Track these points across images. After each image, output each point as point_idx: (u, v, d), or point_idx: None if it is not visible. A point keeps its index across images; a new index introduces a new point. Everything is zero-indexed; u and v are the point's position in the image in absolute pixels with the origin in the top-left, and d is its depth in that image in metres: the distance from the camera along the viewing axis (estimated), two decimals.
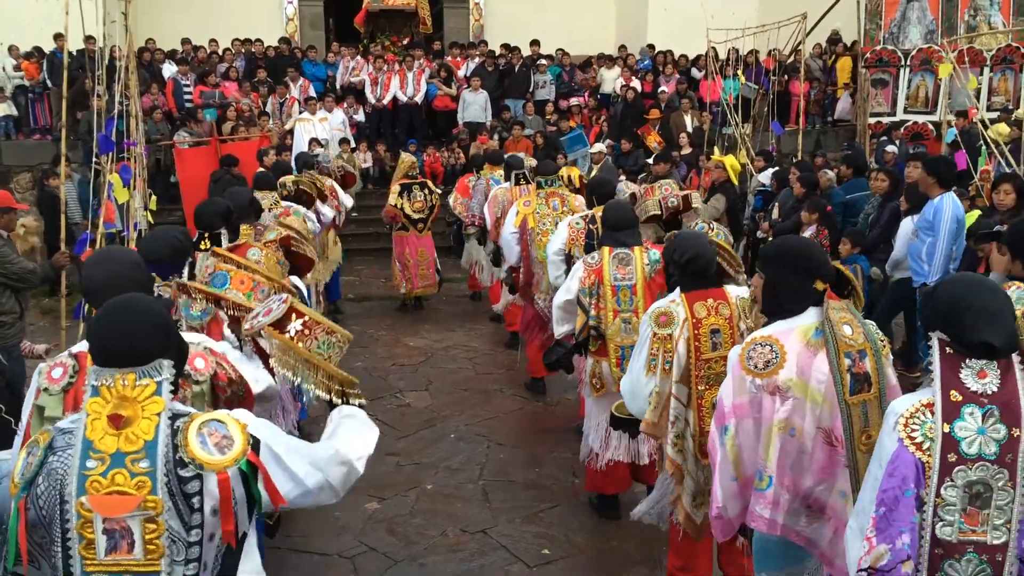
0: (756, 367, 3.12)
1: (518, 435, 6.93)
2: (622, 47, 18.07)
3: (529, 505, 5.69)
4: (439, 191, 10.60)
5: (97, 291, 3.01)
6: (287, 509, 2.58)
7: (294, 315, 3.13)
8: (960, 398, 2.43)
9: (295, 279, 5.27)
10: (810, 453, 3.11)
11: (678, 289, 4.02)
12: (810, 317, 3.16)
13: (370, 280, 12.04)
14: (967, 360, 2.46)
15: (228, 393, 3.15)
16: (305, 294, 5.19)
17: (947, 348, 2.49)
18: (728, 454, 3.19)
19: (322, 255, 8.74)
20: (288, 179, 8.65)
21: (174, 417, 2.29)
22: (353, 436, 2.86)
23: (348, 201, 10.17)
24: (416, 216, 10.24)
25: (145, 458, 2.22)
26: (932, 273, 6.89)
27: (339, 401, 3.06)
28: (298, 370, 3.04)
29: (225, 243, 4.91)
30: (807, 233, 8.05)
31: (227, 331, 3.73)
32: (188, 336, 3.16)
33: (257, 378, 3.39)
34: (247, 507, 2.33)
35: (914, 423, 2.46)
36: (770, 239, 9.54)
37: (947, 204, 6.92)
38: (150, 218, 10.59)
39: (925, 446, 2.43)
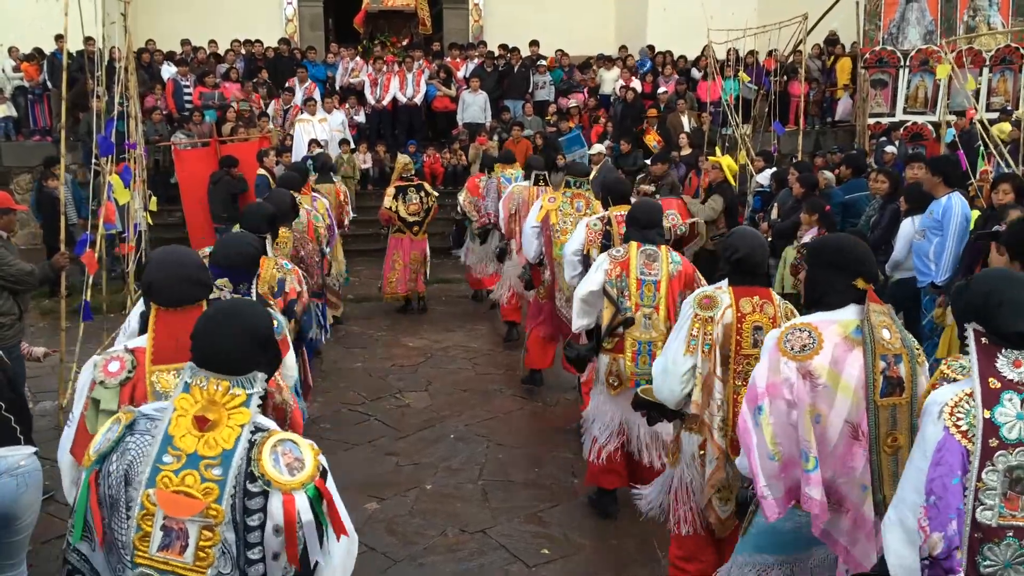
0: (792, 349, 3.16)
1: (517, 435, 6.94)
2: (623, 47, 18.07)
3: (528, 505, 5.69)
4: (436, 193, 10.56)
5: (157, 290, 3.01)
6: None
7: None
8: (998, 385, 2.49)
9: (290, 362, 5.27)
10: (833, 444, 3.14)
11: (726, 280, 4.02)
12: (851, 313, 3.20)
13: (370, 281, 12.03)
14: (1002, 350, 2.52)
15: (276, 400, 3.22)
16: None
17: (982, 339, 2.55)
18: (765, 434, 3.21)
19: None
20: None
21: (255, 430, 2.30)
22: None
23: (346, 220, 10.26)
24: (411, 219, 10.21)
25: (219, 466, 2.22)
26: (940, 272, 6.89)
27: None
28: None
29: (269, 246, 4.95)
30: (808, 235, 8.04)
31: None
32: None
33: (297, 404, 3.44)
34: (316, 534, 2.30)
35: (959, 411, 2.51)
36: (769, 239, 9.56)
37: (956, 203, 6.91)
38: (149, 219, 10.60)
39: (970, 434, 2.48)
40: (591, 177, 10.84)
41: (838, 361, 3.12)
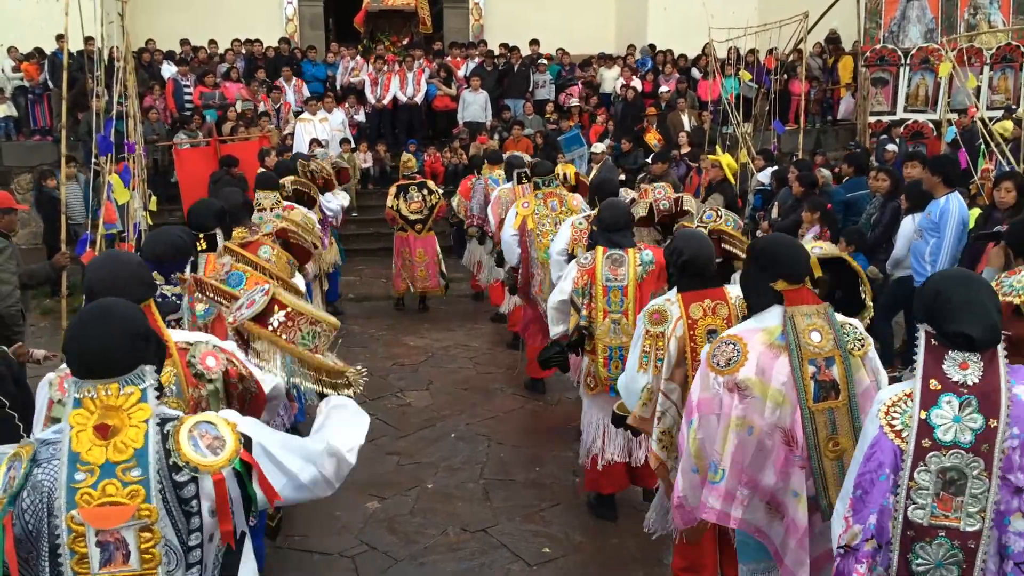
0: (719, 364, 3.17)
1: (518, 434, 6.93)
2: (631, 47, 18.03)
3: (529, 504, 5.69)
4: (439, 191, 10.54)
5: (100, 293, 2.95)
6: (283, 505, 2.57)
7: (276, 307, 3.08)
8: (939, 387, 2.50)
9: (297, 277, 5.25)
10: (770, 451, 3.15)
11: (675, 289, 4.01)
12: (774, 318, 3.20)
13: (371, 280, 12.04)
14: (950, 352, 2.52)
15: (240, 388, 3.14)
16: (305, 290, 5.18)
17: (932, 340, 2.56)
18: (690, 447, 3.26)
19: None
20: (287, 180, 8.67)
21: (163, 422, 2.26)
22: (343, 427, 2.79)
23: (345, 200, 10.16)
24: (413, 217, 10.20)
25: (137, 466, 2.18)
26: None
27: (329, 392, 3.03)
28: (283, 363, 3.00)
29: (220, 243, 4.91)
30: (810, 234, 8.03)
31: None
32: (196, 335, 3.17)
33: (263, 377, 3.35)
34: (243, 506, 2.31)
35: (895, 411, 2.55)
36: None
37: (954, 205, 6.90)
38: (149, 219, 10.59)
39: (904, 433, 2.51)
40: (592, 176, 10.87)
41: (765, 370, 3.11)
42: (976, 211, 7.37)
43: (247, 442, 2.33)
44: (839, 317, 3.22)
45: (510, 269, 7.50)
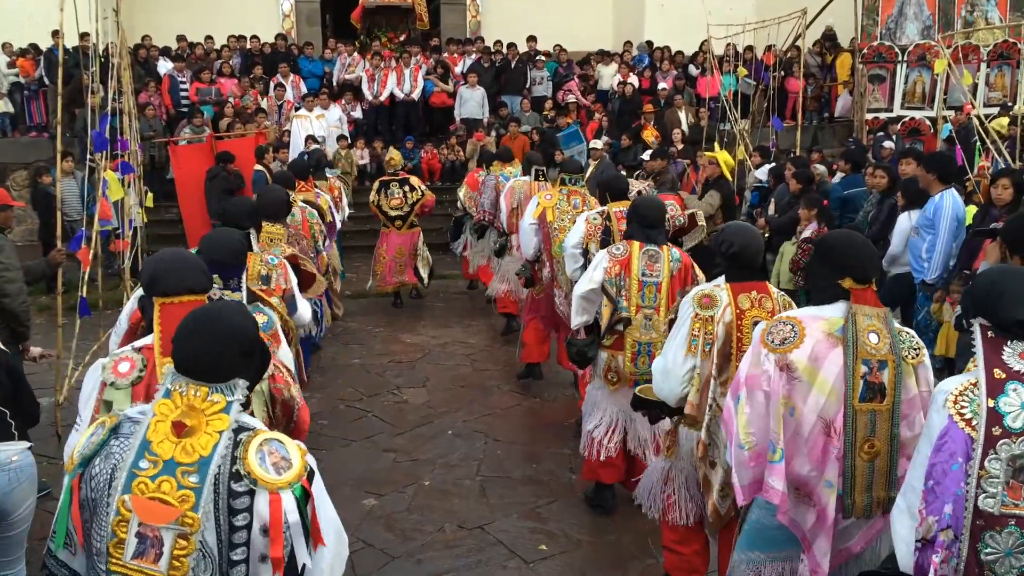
0: (773, 342, 3.17)
1: (515, 431, 6.93)
2: (627, 43, 18.01)
3: (526, 501, 5.69)
4: (423, 188, 10.54)
5: (166, 275, 2.98)
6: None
7: None
8: (1003, 375, 2.52)
9: (301, 302, 5.21)
10: (805, 438, 3.15)
11: (722, 277, 4.00)
12: (838, 311, 3.19)
13: (367, 277, 12.00)
14: (1008, 342, 2.56)
15: (284, 396, 3.21)
16: (306, 311, 5.18)
17: (988, 332, 2.60)
18: (739, 422, 3.24)
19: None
20: (297, 197, 8.58)
21: (239, 430, 2.26)
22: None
23: (345, 212, 10.24)
24: (393, 213, 10.24)
25: (196, 473, 2.17)
26: (931, 270, 6.90)
27: None
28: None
29: (254, 242, 4.93)
30: (807, 231, 8.04)
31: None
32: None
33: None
34: (304, 535, 2.25)
35: (963, 400, 2.55)
36: (766, 235, 9.55)
37: (947, 202, 6.91)
38: (144, 216, 10.57)
39: (974, 422, 2.52)
40: (589, 174, 10.88)
41: (818, 357, 3.12)
42: (972, 208, 7.37)
43: (311, 473, 2.30)
44: (897, 324, 3.22)
45: (526, 262, 7.49)
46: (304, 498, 2.25)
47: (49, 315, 8.92)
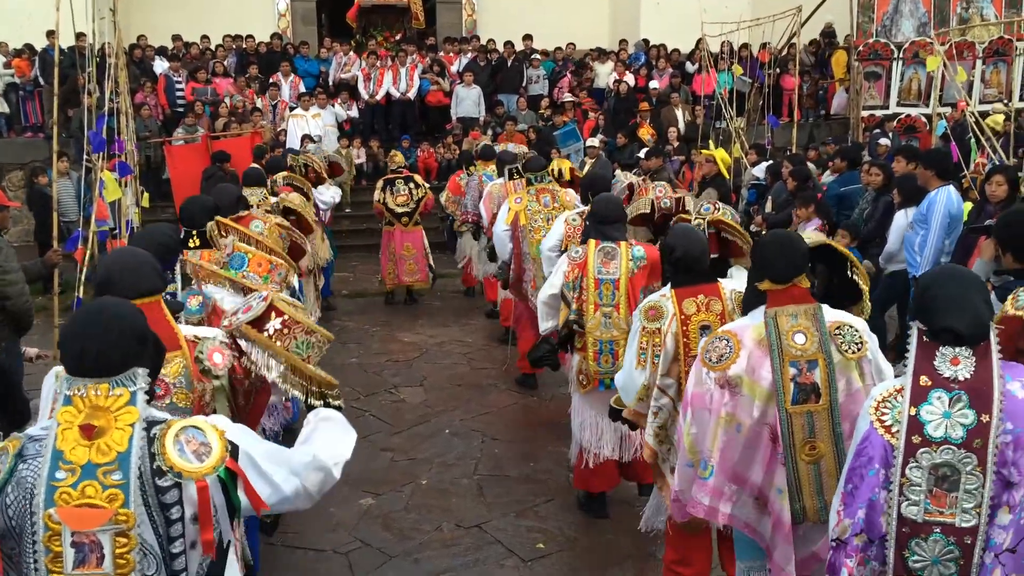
0: (711, 360, 3.19)
1: (512, 430, 6.93)
2: (623, 41, 18.00)
3: (524, 499, 5.69)
4: (426, 186, 10.60)
5: (115, 283, 2.96)
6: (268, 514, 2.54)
7: (273, 313, 3.09)
8: (929, 383, 2.50)
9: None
10: (757, 448, 3.16)
11: (669, 284, 4.01)
12: (762, 316, 3.20)
13: (365, 276, 12.03)
14: (941, 347, 2.52)
15: (246, 385, 3.16)
16: (297, 286, 5.17)
17: (923, 336, 2.56)
18: (684, 441, 3.28)
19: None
20: (278, 176, 8.64)
21: (150, 425, 2.23)
22: (330, 440, 2.75)
23: (337, 194, 10.20)
24: (400, 210, 10.27)
25: (118, 470, 2.15)
26: (921, 266, 6.92)
27: (317, 403, 3.01)
28: (276, 369, 3.00)
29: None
30: (810, 227, 8.03)
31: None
32: (206, 330, 3.19)
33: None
34: (228, 515, 2.29)
35: (885, 407, 2.55)
36: (764, 232, 9.55)
37: (941, 198, 6.92)
38: (139, 216, 10.54)
39: (894, 429, 2.51)
40: (586, 171, 10.86)
41: (754, 368, 3.12)
42: (969, 205, 7.39)
43: (234, 450, 2.30)
44: (839, 317, 3.20)
45: (503, 264, 7.50)
46: (232, 478, 2.26)
47: (45, 315, 8.90)
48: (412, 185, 10.31)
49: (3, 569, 2.19)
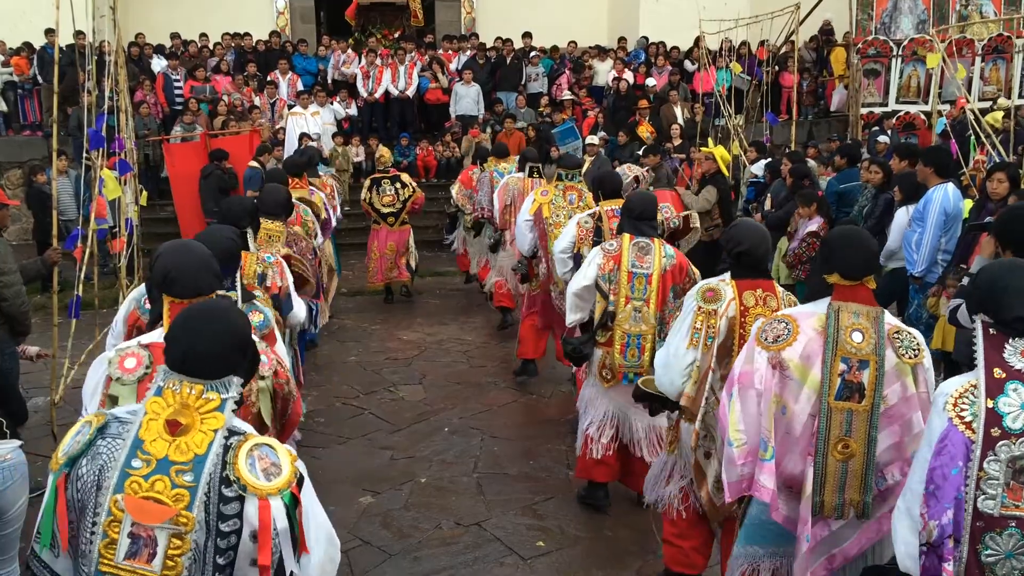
0: (767, 339, 3.18)
1: (512, 428, 6.93)
2: (622, 39, 17.98)
3: (523, 497, 5.69)
4: (414, 185, 10.57)
5: (180, 278, 2.96)
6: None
7: None
8: (1003, 375, 2.48)
9: (297, 301, 5.22)
10: (797, 436, 3.16)
11: (727, 273, 3.99)
12: (825, 307, 3.19)
13: (363, 274, 11.98)
14: (1010, 340, 2.52)
15: (284, 391, 3.22)
16: (301, 310, 5.18)
17: (990, 329, 2.55)
18: (730, 418, 3.25)
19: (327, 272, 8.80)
20: (295, 195, 8.55)
21: (230, 434, 2.24)
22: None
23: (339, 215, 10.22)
24: (385, 210, 10.28)
25: (190, 471, 2.16)
26: (918, 263, 6.92)
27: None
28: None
29: (251, 241, 4.92)
30: (812, 225, 8.02)
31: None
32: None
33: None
34: (292, 544, 2.24)
35: (963, 402, 2.52)
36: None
37: (937, 195, 6.91)
38: (138, 214, 10.53)
39: (974, 424, 2.48)
40: (584, 169, 10.86)
41: (810, 355, 3.12)
42: (968, 202, 7.38)
43: (300, 480, 2.28)
44: (898, 323, 3.20)
45: (522, 259, 7.49)
46: (293, 505, 2.24)
47: (44, 314, 8.89)
48: (399, 185, 10.31)
49: (67, 541, 2.19)
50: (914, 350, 3.13)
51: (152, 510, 2.14)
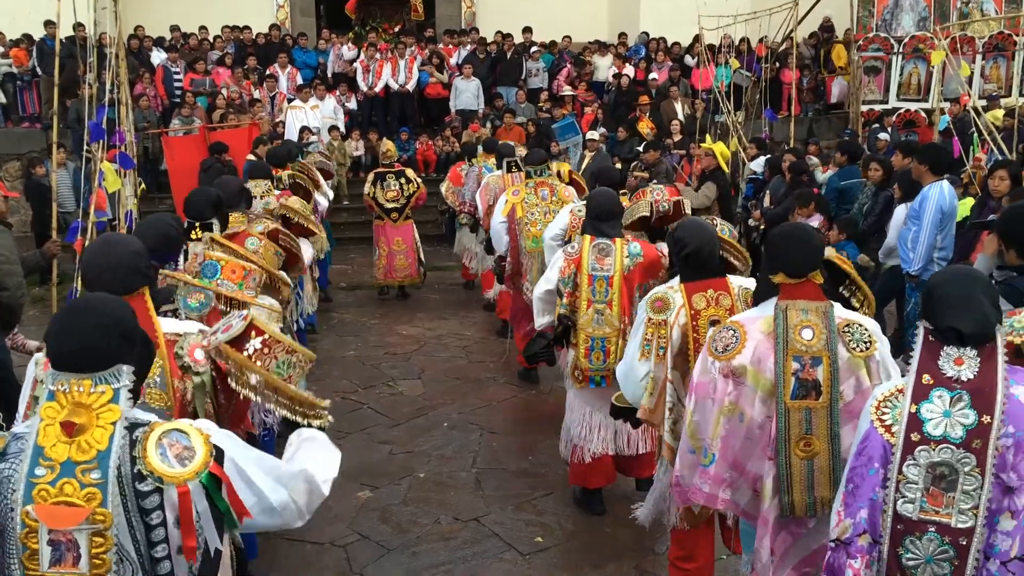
0: (717, 350, 3.19)
1: (511, 423, 6.93)
2: (622, 34, 17.95)
3: (522, 493, 5.69)
4: (419, 181, 10.49)
5: (94, 280, 2.92)
6: (251, 531, 2.48)
7: (253, 332, 3.04)
8: (931, 381, 2.50)
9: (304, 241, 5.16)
10: (758, 439, 3.17)
11: (677, 277, 3.97)
12: (771, 308, 3.19)
13: (363, 269, 12.01)
14: (946, 347, 2.52)
15: (231, 385, 3.07)
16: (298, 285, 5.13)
17: (929, 336, 2.57)
18: (687, 428, 3.29)
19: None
20: (284, 174, 8.57)
21: (132, 427, 2.19)
22: (317, 458, 2.69)
23: (330, 194, 10.14)
24: (390, 205, 10.17)
25: (97, 469, 2.11)
26: (914, 261, 6.92)
27: (303, 423, 2.95)
28: (256, 389, 2.95)
29: (217, 232, 4.87)
30: (812, 223, 8.01)
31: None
32: (186, 325, 3.11)
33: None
34: (216, 522, 2.23)
35: (886, 406, 2.56)
36: (762, 227, 9.55)
37: (933, 193, 6.91)
38: (135, 207, 10.50)
39: (894, 428, 2.52)
40: (584, 165, 10.85)
41: (760, 359, 3.12)
42: (970, 200, 7.38)
43: (219, 454, 2.25)
44: (846, 315, 3.19)
45: (498, 258, 7.47)
46: (215, 484, 2.22)
47: (43, 306, 8.89)
48: (403, 180, 10.20)
49: None
50: (865, 343, 3.12)
51: (64, 514, 2.10)
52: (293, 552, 5.01)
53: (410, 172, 10.51)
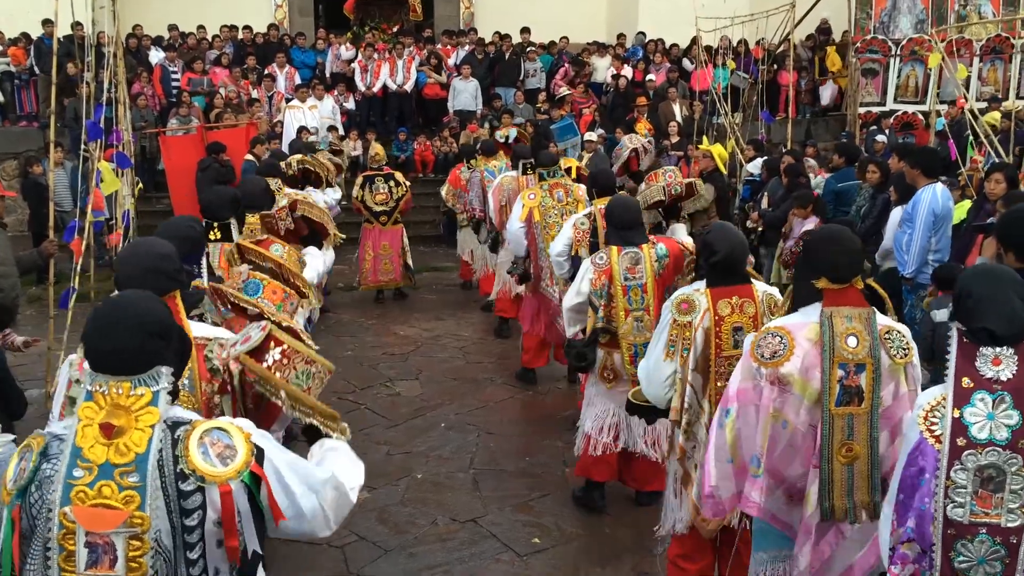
0: (763, 356, 3.16)
1: (508, 424, 6.93)
2: (621, 35, 17.96)
3: (520, 494, 5.69)
4: (407, 184, 10.40)
5: (124, 285, 2.89)
6: (279, 534, 2.42)
7: (272, 343, 3.04)
8: (971, 384, 2.50)
9: (314, 250, 5.18)
10: (800, 447, 3.16)
11: (704, 281, 3.96)
12: (816, 315, 3.17)
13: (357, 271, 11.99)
14: (981, 348, 2.52)
15: (255, 388, 3.07)
16: (320, 269, 5.12)
17: (963, 338, 2.56)
18: (727, 436, 3.25)
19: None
20: (294, 159, 8.57)
21: (174, 425, 2.18)
22: (344, 467, 2.69)
23: (337, 194, 10.13)
24: (378, 208, 10.09)
25: (135, 472, 2.10)
26: (908, 264, 6.94)
27: (324, 432, 2.95)
28: (282, 400, 2.94)
29: (234, 232, 4.88)
30: (809, 224, 8.02)
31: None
32: (216, 331, 3.13)
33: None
34: (256, 523, 2.23)
35: (934, 415, 2.55)
36: (759, 229, 9.56)
37: (925, 196, 6.92)
38: (133, 206, 10.50)
39: (943, 437, 2.51)
40: (583, 164, 10.84)
41: (809, 368, 3.11)
42: (967, 203, 7.39)
43: (259, 454, 2.24)
44: (886, 322, 3.19)
45: (518, 259, 7.45)
46: (256, 483, 2.21)
47: (40, 306, 8.87)
48: (392, 183, 10.11)
49: (19, 571, 2.15)
50: (904, 349, 3.13)
51: (103, 516, 2.09)
52: (290, 553, 5.00)
53: (399, 175, 10.42)
